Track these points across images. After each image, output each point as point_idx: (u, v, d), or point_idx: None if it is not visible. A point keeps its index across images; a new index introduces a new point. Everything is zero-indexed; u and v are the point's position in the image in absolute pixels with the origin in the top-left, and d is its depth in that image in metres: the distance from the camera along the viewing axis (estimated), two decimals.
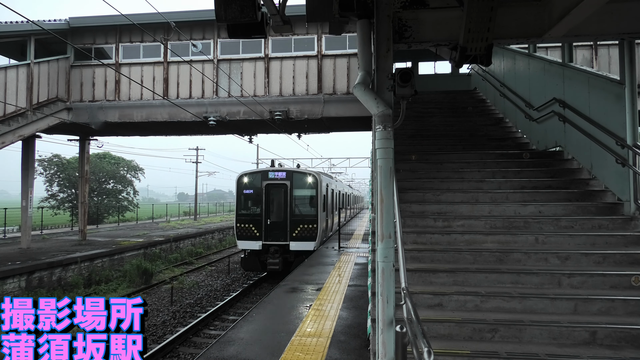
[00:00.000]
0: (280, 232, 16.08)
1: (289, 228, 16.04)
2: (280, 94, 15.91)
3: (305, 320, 7.12)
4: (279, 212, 16.27)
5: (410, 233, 5.97)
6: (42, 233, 24.67)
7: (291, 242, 15.96)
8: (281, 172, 16.50)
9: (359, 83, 4.10)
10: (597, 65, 13.92)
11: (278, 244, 15.94)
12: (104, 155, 38.00)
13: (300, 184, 16.41)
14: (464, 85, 15.75)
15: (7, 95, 14.26)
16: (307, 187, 16.40)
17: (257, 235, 16.07)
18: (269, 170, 16.76)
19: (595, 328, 4.35)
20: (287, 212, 16.10)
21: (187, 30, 16.02)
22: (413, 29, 4.67)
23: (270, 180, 16.39)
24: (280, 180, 16.33)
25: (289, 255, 16.00)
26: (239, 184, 16.71)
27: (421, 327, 3.01)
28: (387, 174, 3.75)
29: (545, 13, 4.56)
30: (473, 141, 9.61)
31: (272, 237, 16.06)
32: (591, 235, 5.77)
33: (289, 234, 16.02)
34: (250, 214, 16.44)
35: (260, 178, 16.50)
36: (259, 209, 16.27)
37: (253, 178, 16.70)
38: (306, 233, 15.96)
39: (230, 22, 4.44)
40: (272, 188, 16.35)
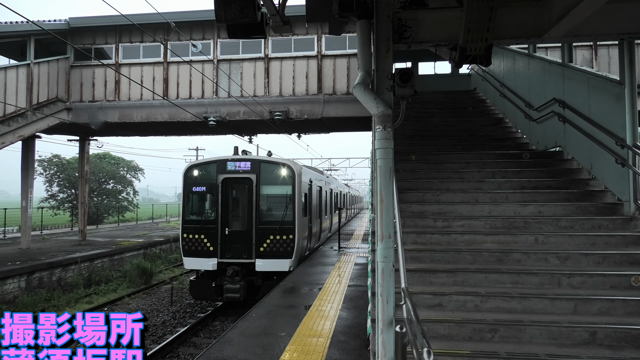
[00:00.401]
0: (243, 246, 11.96)
1: (255, 240, 11.93)
2: (280, 94, 15.91)
3: (305, 320, 7.12)
4: (242, 218, 12.24)
5: (410, 233, 5.97)
6: (42, 233, 24.68)
7: (258, 260, 11.79)
8: (244, 163, 12.27)
9: (358, 83, 4.10)
10: (597, 65, 13.92)
11: (240, 263, 11.86)
12: (104, 156, 38.00)
13: (271, 178, 12.37)
14: (463, 86, 15.75)
15: (7, 95, 14.27)
16: (281, 183, 12.33)
17: (211, 251, 11.94)
18: (227, 159, 12.38)
19: (595, 328, 4.35)
20: (253, 218, 12.02)
21: (187, 30, 16.03)
22: (413, 29, 4.67)
23: (229, 173, 12.23)
24: (243, 174, 12.18)
25: (255, 277, 11.85)
26: (186, 179, 12.53)
27: (421, 327, 3.01)
28: (386, 174, 3.75)
29: (545, 13, 4.56)
30: (473, 141, 9.61)
31: (231, 252, 11.98)
32: (591, 236, 5.77)
33: (254, 249, 11.89)
34: (202, 220, 12.34)
35: (216, 170, 12.31)
36: (214, 213, 12.22)
37: (205, 171, 12.56)
38: (279, 247, 11.90)
39: (230, 23, 4.44)
40: (232, 184, 12.33)
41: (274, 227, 11.99)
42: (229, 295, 11.49)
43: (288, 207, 12.21)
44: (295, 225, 12.10)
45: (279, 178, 12.36)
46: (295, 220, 12.13)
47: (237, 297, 11.44)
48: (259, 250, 11.87)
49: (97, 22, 16.69)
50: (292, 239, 12.00)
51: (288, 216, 12.14)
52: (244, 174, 12.21)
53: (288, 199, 12.28)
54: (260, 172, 12.23)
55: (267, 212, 12.34)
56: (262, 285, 11.62)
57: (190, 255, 12.12)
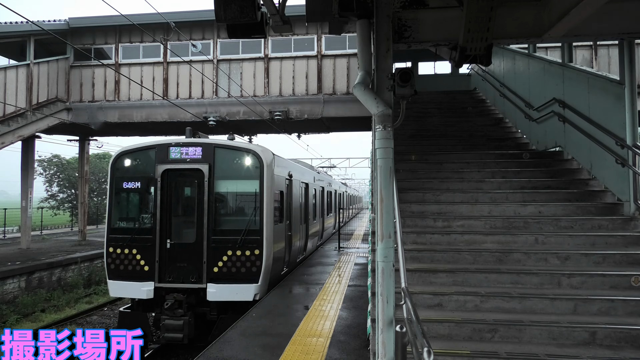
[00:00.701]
0: (191, 266, 8.65)
1: (207, 257, 8.62)
2: (280, 94, 15.91)
3: (305, 320, 7.12)
4: (189, 226, 8.96)
5: (410, 233, 5.97)
6: (42, 233, 24.68)
7: (210, 286, 8.49)
8: (193, 148, 8.99)
9: (358, 83, 4.10)
10: (597, 65, 13.93)
11: (185, 289, 8.56)
12: (104, 156, 37.93)
13: (231, 169, 9.12)
14: (463, 86, 15.75)
15: (6, 95, 14.28)
16: (244, 177, 9.14)
17: (146, 272, 8.70)
18: (169, 143, 9.11)
19: (595, 328, 4.35)
20: (204, 226, 8.72)
21: (187, 30, 16.03)
22: (413, 28, 4.68)
23: (172, 163, 8.94)
24: (191, 164, 8.94)
25: (208, 309, 8.63)
26: (114, 172, 9.35)
27: (421, 327, 3.01)
28: (387, 174, 3.75)
29: (545, 13, 4.56)
30: (473, 141, 9.62)
31: (174, 274, 8.66)
32: (591, 236, 5.77)
33: (206, 269, 8.59)
34: (134, 229, 9.13)
35: (154, 159, 9.07)
36: (150, 219, 8.97)
37: (140, 160, 9.34)
38: (240, 266, 8.62)
39: (230, 22, 4.44)
40: (176, 178, 9.07)
41: (234, 239, 8.65)
42: (168, 335, 8.24)
43: (254, 211, 8.91)
44: (264, 236, 8.72)
45: (241, 170, 9.08)
46: (263, 228, 8.76)
47: (179, 337, 8.20)
48: (212, 271, 8.54)
49: (97, 22, 16.70)
50: (259, 255, 8.62)
51: (254, 223, 8.81)
52: (192, 163, 8.90)
53: (255, 198, 8.96)
54: (215, 162, 8.90)
55: (224, 218, 9.11)
56: (218, 319, 8.40)
57: (118, 278, 8.86)
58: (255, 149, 9.23)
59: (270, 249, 8.89)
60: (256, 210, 8.93)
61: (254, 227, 8.81)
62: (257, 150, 9.21)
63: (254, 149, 9.28)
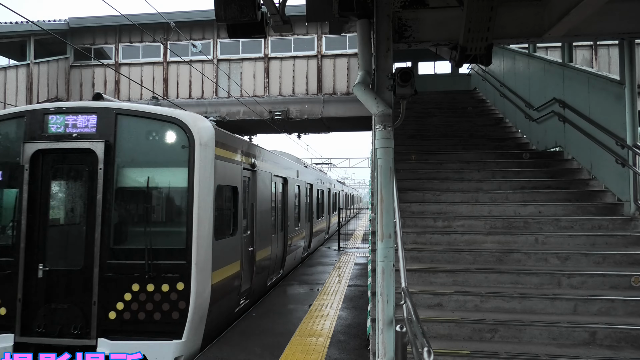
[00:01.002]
0: (73, 309, 5.40)
1: (99, 294, 5.35)
2: (280, 94, 15.92)
3: (305, 320, 7.12)
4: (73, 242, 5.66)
5: (410, 233, 5.97)
6: None
7: (103, 343, 5.26)
8: (84, 116, 5.65)
9: (358, 83, 4.11)
10: (597, 65, 13.93)
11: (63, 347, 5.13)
12: None
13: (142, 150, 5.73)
14: (463, 86, 15.75)
15: (6, 95, 14.28)
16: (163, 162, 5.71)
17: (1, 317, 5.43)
18: (47, 109, 5.75)
19: (595, 328, 4.35)
20: (96, 243, 5.42)
21: (187, 30, 16.03)
22: (413, 28, 4.68)
23: (50, 140, 5.66)
24: (78, 141, 5.61)
25: None
26: None
27: (421, 327, 3.01)
28: (387, 174, 3.75)
29: (545, 13, 4.56)
30: (473, 141, 9.61)
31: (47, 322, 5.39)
32: (591, 236, 5.77)
33: (96, 315, 5.33)
34: None
35: (23, 134, 5.73)
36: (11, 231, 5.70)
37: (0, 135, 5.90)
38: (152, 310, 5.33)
39: (230, 22, 4.44)
40: (54, 165, 5.77)
41: (143, 264, 5.37)
42: None
43: (179, 217, 5.80)
44: (193, 259, 5.39)
45: (159, 151, 5.74)
46: (192, 245, 5.42)
47: None
48: (107, 317, 5.36)
49: (97, 22, 16.70)
50: (185, 290, 5.34)
51: (177, 238, 5.55)
52: (81, 141, 5.61)
53: (180, 198, 5.74)
54: (117, 138, 5.63)
55: (130, 229, 5.77)
56: None
57: None
58: (181, 117, 5.69)
59: (205, 280, 5.61)
60: (182, 216, 5.67)
61: (177, 245, 5.50)
62: (187, 119, 5.68)
63: (179, 117, 5.69)
